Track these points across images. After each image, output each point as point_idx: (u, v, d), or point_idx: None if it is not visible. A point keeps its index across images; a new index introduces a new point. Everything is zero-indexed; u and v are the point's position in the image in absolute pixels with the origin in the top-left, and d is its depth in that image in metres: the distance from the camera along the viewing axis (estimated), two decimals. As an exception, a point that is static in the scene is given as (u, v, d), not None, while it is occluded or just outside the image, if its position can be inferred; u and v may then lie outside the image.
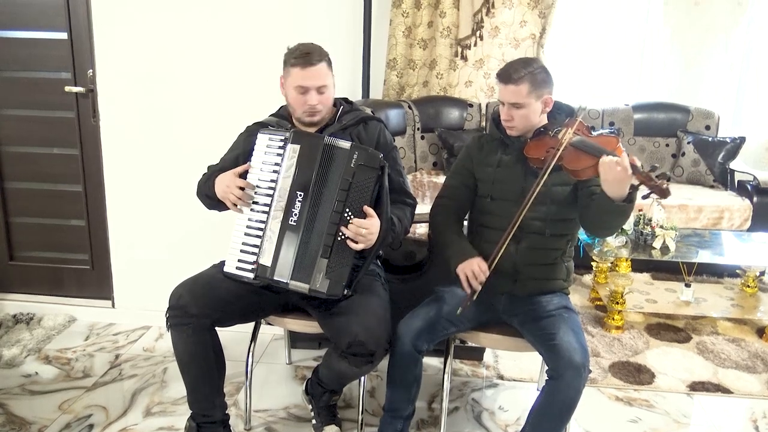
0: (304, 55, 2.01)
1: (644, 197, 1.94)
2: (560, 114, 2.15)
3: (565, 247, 2.14)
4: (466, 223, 2.33)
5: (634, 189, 1.83)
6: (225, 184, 2.04)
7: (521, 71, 2.00)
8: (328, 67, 2.06)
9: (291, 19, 2.83)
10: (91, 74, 2.98)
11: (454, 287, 2.10)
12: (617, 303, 3.12)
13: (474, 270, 1.99)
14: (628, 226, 3.15)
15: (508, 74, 2.02)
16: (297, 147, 2.01)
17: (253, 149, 2.07)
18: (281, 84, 2.11)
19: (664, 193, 1.79)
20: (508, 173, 2.10)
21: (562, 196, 2.05)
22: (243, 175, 2.05)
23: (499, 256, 1.97)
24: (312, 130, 2.11)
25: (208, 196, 2.14)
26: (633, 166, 1.79)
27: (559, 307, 2.06)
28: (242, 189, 2.01)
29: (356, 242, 1.93)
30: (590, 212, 1.98)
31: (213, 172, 2.17)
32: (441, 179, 3.69)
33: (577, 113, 2.14)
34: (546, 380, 1.92)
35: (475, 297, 2.00)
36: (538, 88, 2.02)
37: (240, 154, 2.17)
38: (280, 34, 2.59)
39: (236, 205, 2.03)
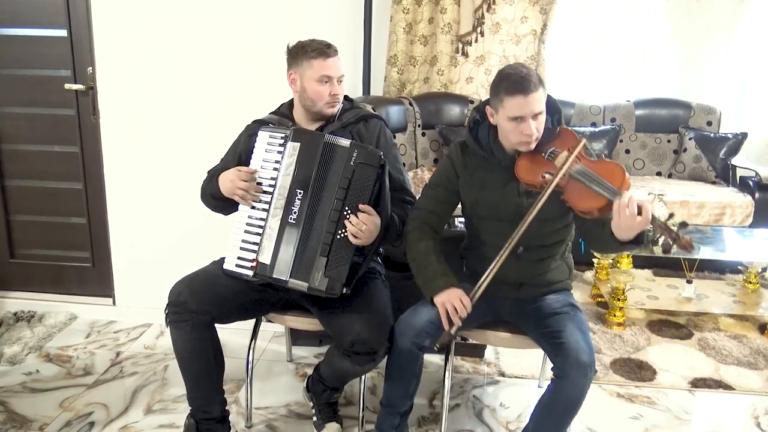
0: (326, 47, 2.05)
1: (664, 251, 1.71)
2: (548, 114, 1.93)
3: (564, 248, 2.11)
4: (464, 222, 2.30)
5: (644, 232, 1.70)
6: (229, 180, 2.04)
7: (533, 74, 1.82)
8: None
9: (291, 15, 2.82)
10: (90, 72, 2.97)
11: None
12: (619, 299, 3.12)
13: (456, 306, 1.88)
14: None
15: (526, 82, 1.80)
16: (297, 145, 2.00)
17: (254, 147, 2.07)
18: (291, 80, 2.09)
19: (686, 248, 1.64)
20: (501, 193, 1.97)
21: (558, 211, 1.95)
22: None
23: (488, 281, 1.87)
24: (313, 127, 2.11)
25: (213, 195, 2.12)
26: (652, 216, 1.67)
27: (564, 305, 2.04)
28: (246, 182, 2.01)
29: (356, 237, 1.92)
30: (591, 237, 1.93)
31: (215, 172, 2.16)
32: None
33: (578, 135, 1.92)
34: (551, 379, 1.89)
35: (453, 331, 1.91)
36: (545, 88, 1.86)
37: (241, 152, 2.17)
38: (280, 31, 2.59)
39: (244, 199, 2.03)
